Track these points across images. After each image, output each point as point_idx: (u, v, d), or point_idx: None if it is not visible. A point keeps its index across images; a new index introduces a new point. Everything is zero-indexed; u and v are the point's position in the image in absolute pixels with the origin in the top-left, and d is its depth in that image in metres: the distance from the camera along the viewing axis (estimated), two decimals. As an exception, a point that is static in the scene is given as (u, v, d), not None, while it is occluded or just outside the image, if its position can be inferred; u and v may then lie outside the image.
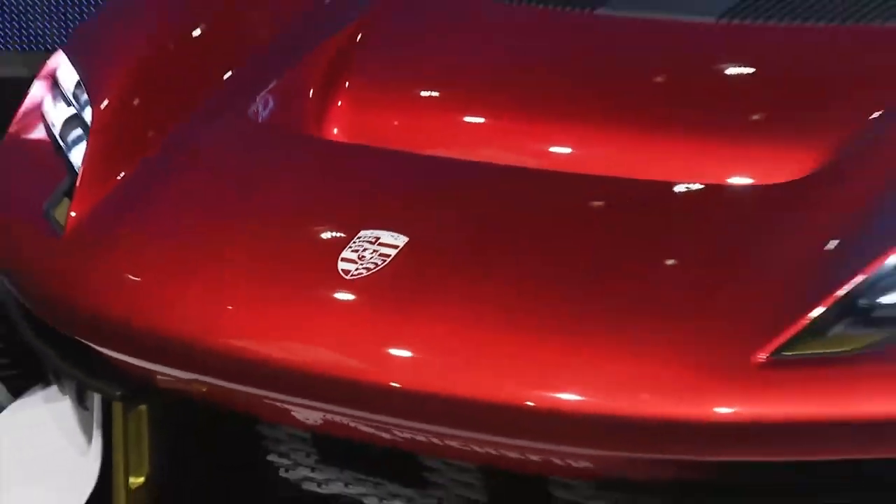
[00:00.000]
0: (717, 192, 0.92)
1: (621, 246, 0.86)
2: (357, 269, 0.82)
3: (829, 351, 0.71)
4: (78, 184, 1.07)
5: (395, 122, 1.13)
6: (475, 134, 1.11)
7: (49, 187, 1.11)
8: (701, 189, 0.90)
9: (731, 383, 0.69)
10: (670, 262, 0.85)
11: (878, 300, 0.72)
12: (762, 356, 0.69)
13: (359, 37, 1.25)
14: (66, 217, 1.05)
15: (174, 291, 0.91)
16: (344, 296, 0.85)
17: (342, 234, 0.88)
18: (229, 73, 1.21)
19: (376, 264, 0.82)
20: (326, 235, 0.94)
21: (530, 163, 1.00)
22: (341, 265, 0.83)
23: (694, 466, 0.74)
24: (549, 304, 0.79)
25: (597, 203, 0.96)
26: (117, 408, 1.00)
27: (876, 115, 0.93)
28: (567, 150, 1.06)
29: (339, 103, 1.16)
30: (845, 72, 1.06)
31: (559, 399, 0.71)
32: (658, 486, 0.77)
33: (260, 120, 1.16)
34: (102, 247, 1.01)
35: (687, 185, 0.91)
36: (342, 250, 0.84)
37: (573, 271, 0.84)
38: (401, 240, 0.84)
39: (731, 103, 1.04)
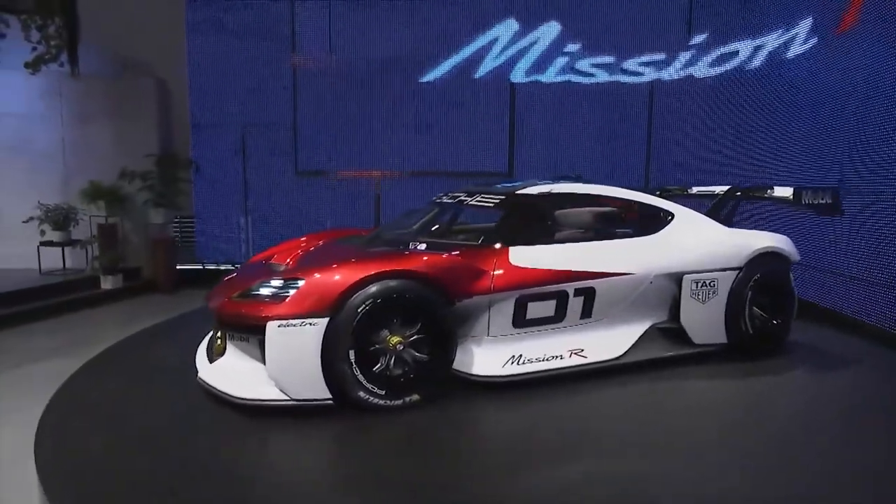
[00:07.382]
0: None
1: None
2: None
3: (242, 299, 3.42)
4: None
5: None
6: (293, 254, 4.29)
7: None
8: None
9: (226, 302, 3.49)
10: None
11: (253, 292, 3.40)
12: (231, 297, 3.49)
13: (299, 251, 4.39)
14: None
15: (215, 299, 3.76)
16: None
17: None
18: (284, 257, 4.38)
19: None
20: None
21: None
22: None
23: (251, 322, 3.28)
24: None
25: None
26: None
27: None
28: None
29: (288, 262, 4.22)
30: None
31: (250, 315, 3.28)
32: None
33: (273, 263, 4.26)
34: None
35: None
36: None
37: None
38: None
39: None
